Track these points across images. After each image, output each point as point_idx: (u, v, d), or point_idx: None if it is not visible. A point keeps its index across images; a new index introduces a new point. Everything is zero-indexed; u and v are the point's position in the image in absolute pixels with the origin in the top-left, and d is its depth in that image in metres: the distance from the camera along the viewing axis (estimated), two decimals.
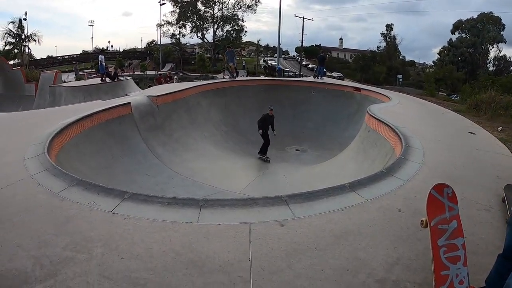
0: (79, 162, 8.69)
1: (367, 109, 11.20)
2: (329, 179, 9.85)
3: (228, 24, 79.00)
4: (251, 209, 4.52)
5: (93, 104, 13.35)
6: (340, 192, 4.94)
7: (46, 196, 5.19)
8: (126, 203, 4.83)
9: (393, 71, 74.66)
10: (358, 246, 3.76)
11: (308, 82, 22.05)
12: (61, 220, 4.48)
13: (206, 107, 16.94)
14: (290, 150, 16.09)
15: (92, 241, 3.97)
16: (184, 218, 4.35)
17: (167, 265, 3.53)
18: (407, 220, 4.28)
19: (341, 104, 18.09)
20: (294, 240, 3.82)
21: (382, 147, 8.95)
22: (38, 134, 8.30)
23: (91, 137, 10.02)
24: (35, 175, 5.96)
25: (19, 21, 60.54)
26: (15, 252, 3.83)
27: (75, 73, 47.72)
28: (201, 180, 10.67)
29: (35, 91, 26.88)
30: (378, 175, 5.68)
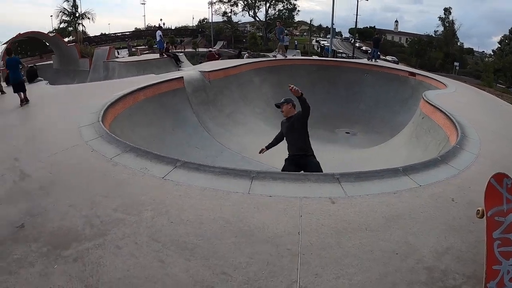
0: (131, 132, 8.96)
1: (422, 95, 10.93)
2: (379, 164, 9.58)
3: (280, 2, 78.09)
4: (302, 184, 4.53)
5: (146, 77, 13.66)
6: (392, 175, 4.85)
7: (99, 161, 5.41)
8: (177, 170, 4.96)
9: (450, 58, 71.55)
10: (408, 230, 3.70)
11: (361, 64, 21.64)
12: (113, 183, 4.68)
13: (258, 84, 16.97)
14: (340, 132, 15.91)
15: (143, 204, 4.12)
16: (235, 188, 4.42)
17: (216, 232, 3.60)
18: (459, 210, 4.15)
19: (394, 88, 17.65)
20: (345, 219, 3.81)
21: (436, 134, 8.71)
22: (93, 104, 8.59)
23: (144, 109, 10.29)
24: (89, 142, 6.22)
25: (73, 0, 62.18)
26: (67, 211, 4.04)
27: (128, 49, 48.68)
28: (250, 155, 10.72)
29: (89, 66, 27.74)
30: (433, 162, 5.55)
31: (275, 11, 79.16)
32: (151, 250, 3.36)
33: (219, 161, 9.98)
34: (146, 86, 10.90)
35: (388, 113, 16.35)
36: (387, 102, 17.06)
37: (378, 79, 18.77)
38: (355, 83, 19.08)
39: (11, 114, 9.94)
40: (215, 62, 20.82)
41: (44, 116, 8.73)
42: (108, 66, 25.29)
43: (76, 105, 9.43)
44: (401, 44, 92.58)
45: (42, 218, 3.98)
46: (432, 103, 9.75)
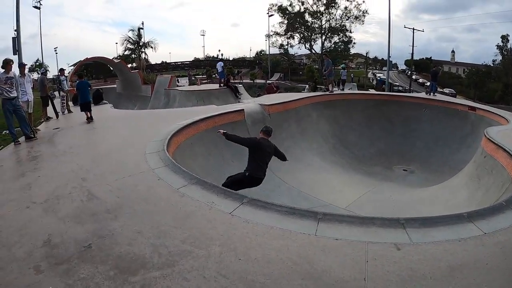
0: (192, 160, 9.33)
1: (484, 132, 10.59)
2: (439, 205, 9.50)
3: (336, 35, 78.42)
4: (368, 228, 4.58)
5: (208, 108, 14.14)
6: (457, 221, 4.80)
7: (166, 190, 5.69)
8: (244, 207, 5.13)
9: (510, 89, 68.69)
10: (472, 281, 3.64)
11: (419, 98, 21.29)
12: (180, 214, 4.89)
13: (315, 118, 17.12)
14: (397, 169, 15.67)
15: (211, 238, 4.27)
16: (302, 229, 4.52)
17: (283, 273, 3.65)
18: None
19: (453, 124, 17.21)
20: (410, 266, 3.80)
21: (499, 175, 8.39)
22: (158, 131, 9.05)
23: (204, 139, 10.68)
24: (155, 169, 6.57)
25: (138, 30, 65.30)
26: (135, 238, 4.27)
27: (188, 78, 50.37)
28: (307, 191, 10.84)
29: (151, 92, 28.98)
30: (498, 207, 5.41)
31: (331, 43, 79.51)
32: (219, 285, 3.42)
33: (276, 195, 10.20)
34: (208, 117, 11.34)
35: (446, 150, 15.97)
36: (446, 139, 16.66)
37: (436, 114, 18.39)
38: (412, 119, 18.80)
39: (79, 134, 10.69)
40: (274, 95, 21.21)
41: (110, 139, 9.25)
42: (169, 94, 26.43)
43: (141, 130, 9.96)
44: (458, 75, 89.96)
45: (109, 241, 4.20)
46: (495, 141, 9.45)
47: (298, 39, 79.81)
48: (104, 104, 17.04)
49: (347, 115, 18.69)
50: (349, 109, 18.91)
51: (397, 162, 16.27)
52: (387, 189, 12.53)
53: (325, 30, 78.01)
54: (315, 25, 78.17)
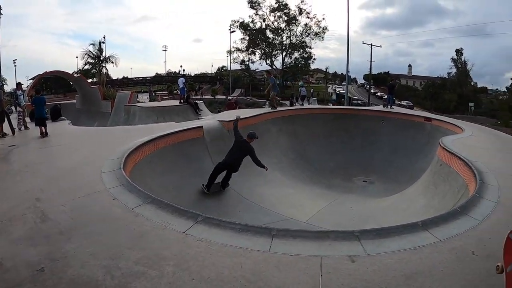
0: (150, 179, 9.14)
1: (439, 141, 10.95)
2: (397, 214, 9.62)
3: (296, 51, 79.73)
4: (322, 242, 4.55)
5: (167, 125, 13.97)
6: (412, 230, 4.85)
7: (121, 210, 5.53)
8: (198, 225, 5.03)
9: (464, 99, 71.60)
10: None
11: (377, 111, 21.77)
12: (134, 235, 4.74)
13: (275, 133, 17.19)
14: (357, 181, 15.85)
15: (165, 258, 4.16)
16: (256, 246, 4.45)
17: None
18: (480, 264, 4.10)
19: (411, 135, 17.70)
20: (365, 278, 3.79)
21: (454, 182, 8.62)
22: (114, 149, 8.84)
23: (163, 156, 10.51)
24: (111, 189, 6.38)
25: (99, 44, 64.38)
26: (88, 260, 4.10)
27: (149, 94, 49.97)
28: (268, 206, 10.77)
29: (111, 108, 28.46)
30: (452, 213, 5.53)
31: (291, 59, 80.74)
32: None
33: (237, 211, 10.10)
34: (167, 134, 11.19)
35: (405, 160, 16.29)
36: (404, 150, 17.04)
37: (394, 126, 18.88)
38: (371, 131, 19.21)
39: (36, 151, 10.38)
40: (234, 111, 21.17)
41: (67, 158, 8.99)
42: (129, 110, 25.99)
43: (98, 149, 9.72)
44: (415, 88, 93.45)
45: (62, 263, 4.03)
46: (449, 149, 9.77)
47: (259, 55, 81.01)
48: (63, 120, 16.59)
49: (307, 129, 18.86)
50: (309, 124, 19.08)
51: (357, 173, 16.45)
52: (347, 200, 12.61)
53: (286, 46, 79.30)
54: (276, 41, 79.44)
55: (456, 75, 78.87)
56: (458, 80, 77.53)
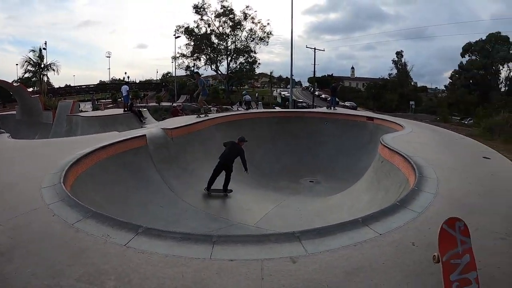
0: (94, 192, 8.80)
1: (380, 139, 11.23)
2: (343, 211, 9.80)
3: (241, 56, 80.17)
4: (263, 245, 4.53)
5: (109, 135, 13.58)
6: (352, 227, 4.91)
7: (61, 226, 5.27)
8: (139, 237, 4.87)
9: (405, 98, 75.15)
10: (370, 282, 3.73)
11: (321, 113, 22.13)
12: (75, 251, 4.54)
13: (220, 139, 17.05)
14: (304, 181, 15.99)
15: (106, 273, 4.01)
16: (197, 254, 4.37)
17: None
18: (420, 254, 4.21)
19: (354, 134, 18.11)
20: (306, 277, 3.80)
21: (396, 177, 8.86)
22: (55, 163, 8.47)
23: (106, 168, 10.17)
24: (50, 205, 6.07)
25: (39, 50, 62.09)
26: (29, 280, 3.90)
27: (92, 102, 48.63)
28: (215, 212, 10.70)
29: (53, 119, 27.38)
30: (391, 208, 5.65)
31: (236, 64, 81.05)
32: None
33: (184, 219, 9.89)
34: (109, 144, 10.84)
35: (349, 159, 16.64)
36: (348, 149, 17.41)
37: (337, 127, 19.28)
38: (316, 133, 19.50)
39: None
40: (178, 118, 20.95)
41: (5, 174, 8.49)
42: (72, 120, 24.99)
43: (39, 163, 9.25)
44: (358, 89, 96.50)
45: (3, 286, 3.83)
46: (389, 146, 10.02)
47: (204, 61, 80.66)
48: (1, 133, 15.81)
49: (252, 133, 18.72)
50: (254, 128, 19.10)
51: (303, 174, 16.62)
52: (295, 201, 12.69)
53: (231, 51, 79.50)
54: (221, 46, 79.49)
55: (397, 76, 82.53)
56: (399, 80, 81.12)
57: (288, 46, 61.31)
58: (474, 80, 73.48)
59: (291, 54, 47.34)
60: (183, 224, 9.34)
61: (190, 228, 9.02)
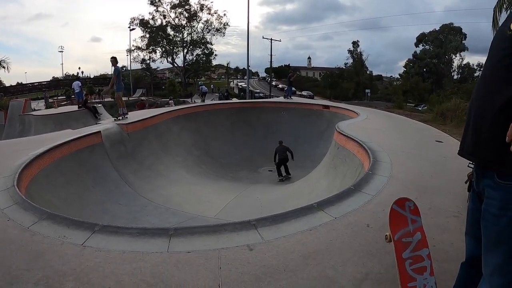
0: (50, 193, 8.56)
1: (335, 126, 11.43)
2: (302, 197, 9.92)
3: (197, 48, 79.58)
4: (220, 235, 4.54)
5: (63, 133, 13.22)
6: (308, 212, 4.98)
7: (16, 231, 5.11)
8: (96, 235, 4.78)
9: (362, 86, 76.59)
10: (326, 264, 3.80)
11: (277, 102, 22.33)
12: (32, 255, 4.41)
13: (177, 132, 16.98)
14: (262, 171, 16.23)
15: (64, 275, 3.91)
16: (154, 248, 4.34)
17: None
18: (375, 235, 4.33)
19: (311, 123, 18.40)
20: (263, 264, 3.85)
21: (352, 162, 9.06)
22: (7, 165, 8.19)
23: (61, 167, 9.89)
24: (5, 209, 5.86)
25: None
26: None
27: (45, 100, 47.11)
28: (175, 206, 10.61)
29: (4, 120, 26.37)
30: (346, 192, 5.75)
31: (192, 56, 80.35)
32: None
33: (143, 216, 9.77)
34: (62, 143, 10.54)
35: (308, 147, 16.93)
36: (305, 137, 17.73)
37: (295, 116, 19.61)
38: (273, 122, 19.79)
39: None
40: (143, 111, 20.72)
41: None
42: (24, 120, 24.12)
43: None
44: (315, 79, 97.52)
45: None
46: (344, 133, 10.23)
47: (160, 53, 79.63)
48: None
49: (210, 125, 18.90)
50: (211, 119, 19.13)
51: (262, 164, 16.85)
52: (254, 191, 12.82)
53: (187, 43, 78.78)
54: (177, 38, 78.75)
55: (353, 65, 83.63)
56: (355, 69, 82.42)
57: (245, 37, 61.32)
58: (427, 68, 76.08)
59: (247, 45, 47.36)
60: (144, 221, 9.23)
61: (151, 224, 8.94)
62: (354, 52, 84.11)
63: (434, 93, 57.11)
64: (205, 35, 78.93)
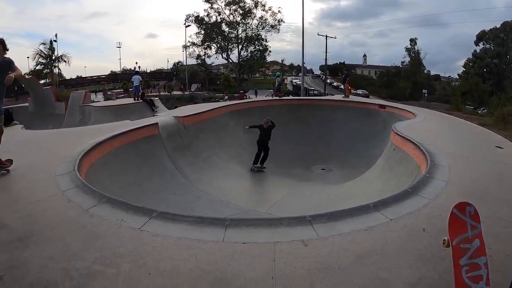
0: (108, 180, 8.90)
1: (392, 127, 11.19)
2: (355, 198, 9.78)
3: (252, 44, 79.86)
4: (275, 229, 4.59)
5: (122, 124, 13.67)
6: (363, 212, 4.95)
7: (76, 212, 5.37)
8: (154, 221, 4.96)
9: (418, 86, 73.90)
10: (381, 266, 3.77)
11: (333, 100, 22.06)
12: (90, 235, 4.63)
13: (232, 127, 17.15)
14: (316, 169, 16.05)
15: (121, 256, 4.10)
16: (210, 237, 4.45)
17: (193, 282, 3.60)
18: (431, 239, 4.24)
19: (366, 122, 18.03)
20: (317, 260, 3.86)
21: (408, 165, 8.87)
22: (69, 152, 8.57)
23: (120, 156, 10.24)
24: (65, 192, 6.16)
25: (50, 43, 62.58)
26: (46, 264, 3.99)
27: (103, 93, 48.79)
28: (228, 199, 10.75)
29: (65, 110, 27.57)
30: (403, 194, 5.67)
31: (247, 52, 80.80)
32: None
33: (197, 206, 9.98)
34: (122, 133, 10.93)
35: (362, 147, 16.59)
36: (360, 137, 17.36)
37: (350, 115, 19.25)
38: (327, 120, 19.51)
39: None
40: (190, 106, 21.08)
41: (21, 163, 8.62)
42: (84, 111, 25.25)
43: (53, 152, 9.36)
44: (370, 77, 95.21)
45: (21, 270, 3.90)
46: (401, 134, 9.99)
47: (215, 49, 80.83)
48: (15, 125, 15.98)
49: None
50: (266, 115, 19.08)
51: (315, 162, 16.66)
52: (306, 189, 12.73)
53: (242, 40, 79.27)
54: (231, 35, 79.45)
55: (410, 64, 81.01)
56: (412, 68, 79.70)
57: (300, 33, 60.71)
58: (488, 69, 72.10)
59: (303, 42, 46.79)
60: (198, 212, 9.35)
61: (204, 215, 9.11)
62: (412, 50, 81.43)
63: (495, 95, 54.67)
64: (259, 31, 79.16)
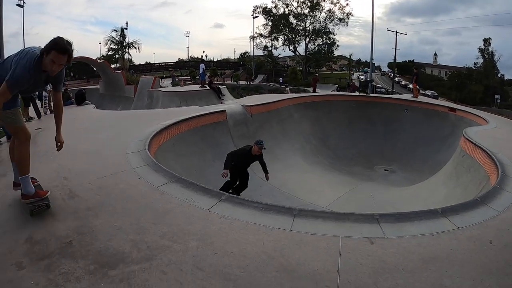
0: (174, 161, 9.30)
1: (463, 132, 10.84)
2: (417, 203, 9.59)
3: (320, 37, 78.99)
4: (342, 223, 4.64)
5: (190, 109, 14.09)
6: (431, 217, 4.89)
7: (146, 188, 5.67)
8: (222, 203, 5.16)
9: (491, 91, 69.56)
10: (444, 273, 3.72)
11: (400, 99, 21.53)
12: (160, 211, 4.89)
13: (297, 119, 17.21)
14: (378, 169, 15.83)
15: (189, 234, 4.30)
16: (278, 224, 4.57)
17: (258, 266, 3.71)
18: (497, 253, 4.13)
19: (434, 125, 17.46)
20: (383, 259, 3.88)
21: (477, 173, 8.56)
22: (140, 131, 8.99)
23: (186, 139, 10.64)
24: (136, 168, 6.52)
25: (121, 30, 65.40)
26: (115, 234, 4.26)
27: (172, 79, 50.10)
28: (288, 191, 10.89)
29: (134, 93, 28.81)
30: (471, 203, 5.53)
31: (314, 45, 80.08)
32: (195, 278, 3.48)
33: (258, 195, 10.18)
34: (190, 117, 11.32)
35: (427, 150, 16.13)
36: (427, 139, 16.84)
37: (417, 115, 18.70)
38: (393, 120, 19.07)
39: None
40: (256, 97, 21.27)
41: (93, 139, 9.10)
42: (153, 95, 26.33)
43: (123, 131, 9.87)
44: (440, 78, 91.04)
45: (89, 237, 4.17)
46: (473, 140, 9.65)
47: (282, 41, 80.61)
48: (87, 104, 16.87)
49: (329, 116, 18.86)
50: (331, 110, 19.06)
51: (378, 162, 16.44)
52: (367, 188, 12.65)
53: (309, 33, 78.56)
54: (299, 27, 78.89)
55: (483, 66, 76.82)
56: (485, 71, 75.34)
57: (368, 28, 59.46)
58: None
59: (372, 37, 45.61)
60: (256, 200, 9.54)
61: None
62: (485, 51, 76.67)
63: None
64: (327, 24, 78.08)
